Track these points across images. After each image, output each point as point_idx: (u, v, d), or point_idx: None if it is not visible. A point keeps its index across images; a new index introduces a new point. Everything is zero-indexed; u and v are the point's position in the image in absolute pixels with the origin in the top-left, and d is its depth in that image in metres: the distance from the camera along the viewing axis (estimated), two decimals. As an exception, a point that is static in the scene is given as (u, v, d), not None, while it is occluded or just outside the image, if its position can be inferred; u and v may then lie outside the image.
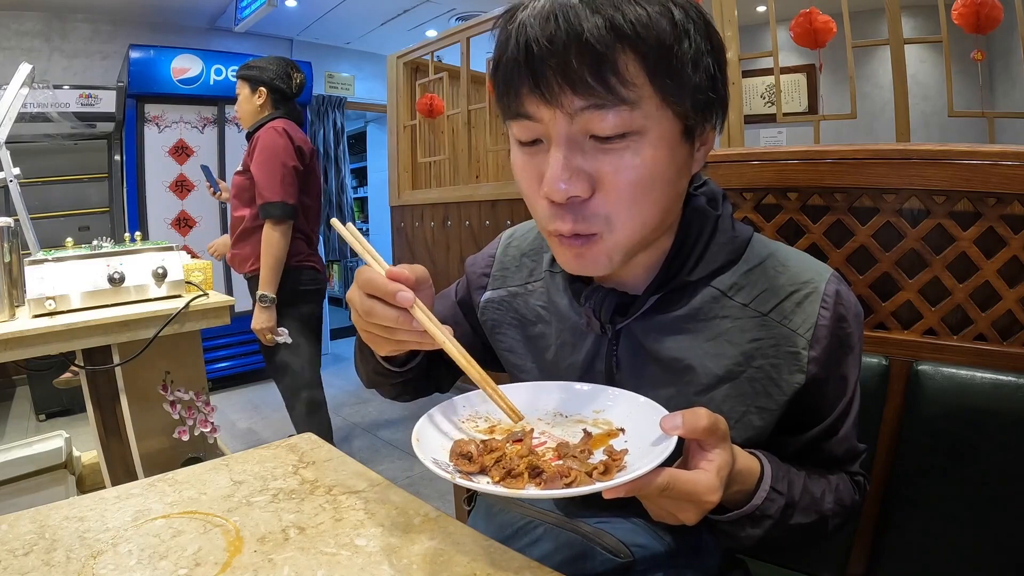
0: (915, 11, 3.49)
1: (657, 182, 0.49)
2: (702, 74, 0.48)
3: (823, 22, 1.98)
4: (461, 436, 0.49)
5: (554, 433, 0.51)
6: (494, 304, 0.69)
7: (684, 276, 0.56)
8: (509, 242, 0.72)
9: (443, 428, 0.50)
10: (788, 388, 0.54)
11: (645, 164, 0.47)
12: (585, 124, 0.46)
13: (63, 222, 3.23)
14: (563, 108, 0.46)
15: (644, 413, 0.49)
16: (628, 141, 0.47)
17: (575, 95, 0.45)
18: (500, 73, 0.49)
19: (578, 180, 0.47)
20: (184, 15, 4.05)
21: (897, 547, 0.83)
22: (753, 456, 0.52)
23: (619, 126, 0.46)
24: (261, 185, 1.80)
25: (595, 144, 0.47)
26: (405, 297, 0.47)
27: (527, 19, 0.46)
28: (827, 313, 0.54)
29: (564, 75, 0.45)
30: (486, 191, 3.04)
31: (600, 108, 0.45)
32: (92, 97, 3.15)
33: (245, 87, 1.92)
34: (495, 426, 0.52)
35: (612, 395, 0.53)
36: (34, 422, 2.98)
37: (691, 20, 0.47)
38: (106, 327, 1.31)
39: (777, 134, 4.30)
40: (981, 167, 0.79)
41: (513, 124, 0.51)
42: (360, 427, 2.83)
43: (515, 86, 0.48)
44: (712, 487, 0.42)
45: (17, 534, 0.56)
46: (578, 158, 0.47)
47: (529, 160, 0.51)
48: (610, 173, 0.47)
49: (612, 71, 0.44)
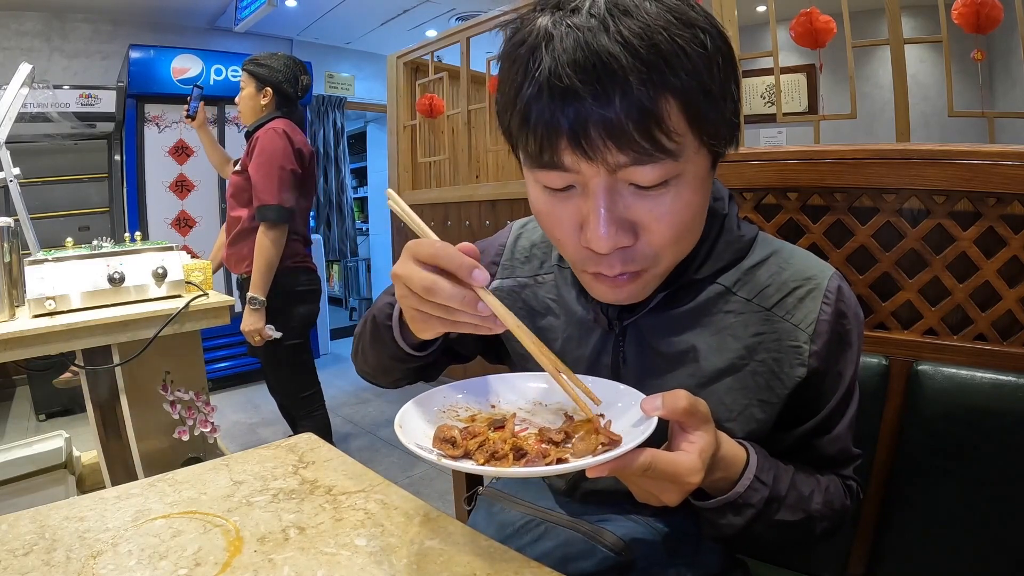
0: (915, 11, 3.49)
1: (697, 216, 0.50)
2: (730, 103, 0.47)
3: (823, 22, 1.99)
4: (443, 422, 0.49)
5: (535, 420, 0.51)
6: (503, 293, 0.69)
7: (691, 274, 0.57)
8: (521, 232, 0.72)
9: (425, 415, 0.50)
10: (789, 381, 0.55)
11: (686, 206, 0.47)
12: (627, 176, 0.45)
13: (63, 222, 3.22)
14: (607, 164, 0.43)
15: (624, 399, 0.49)
16: (669, 187, 0.46)
17: (619, 151, 0.43)
18: (532, 120, 0.44)
19: (623, 231, 0.46)
20: (184, 15, 4.05)
21: (897, 547, 0.83)
22: (740, 445, 0.52)
23: (661, 176, 0.45)
24: (259, 187, 1.79)
25: (635, 190, 0.46)
26: (481, 276, 0.43)
27: (558, 59, 0.42)
28: (828, 309, 0.55)
29: (608, 132, 0.42)
30: (486, 191, 3.04)
31: (644, 163, 0.43)
32: (92, 97, 3.15)
33: (251, 84, 1.87)
34: (475, 415, 0.52)
35: (591, 383, 0.52)
36: (34, 422, 2.98)
37: (718, 47, 0.45)
38: (106, 327, 1.31)
39: (777, 134, 4.30)
40: (981, 167, 0.79)
41: (543, 173, 0.47)
42: (360, 427, 2.83)
43: (551, 137, 0.44)
44: (693, 468, 0.42)
45: (17, 534, 0.56)
46: (619, 208, 0.46)
47: (559, 204, 0.48)
48: (653, 220, 0.47)
49: (658, 126, 0.42)
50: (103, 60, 3.85)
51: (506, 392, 0.55)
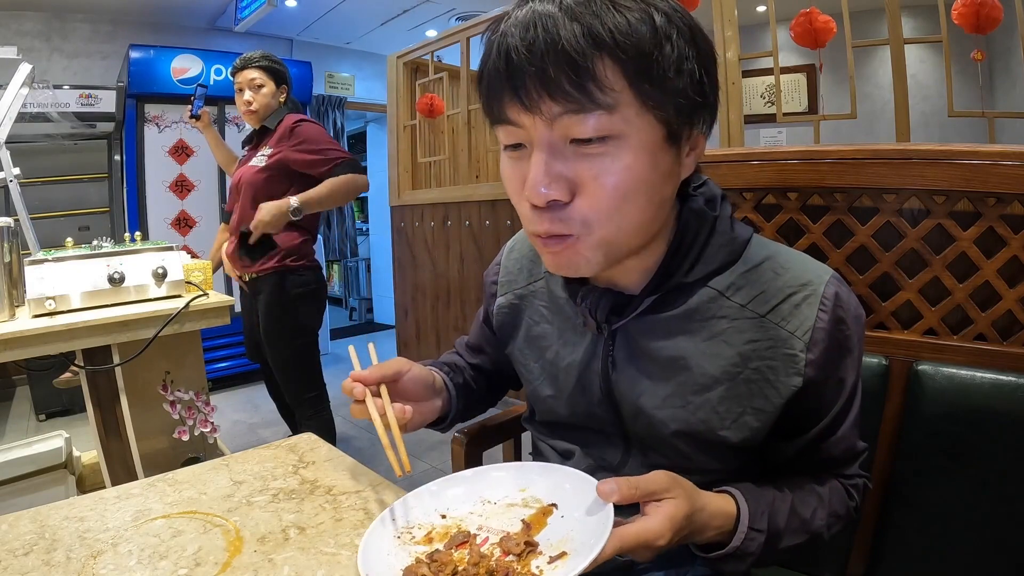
0: (915, 11, 3.49)
1: (639, 187, 0.49)
2: (686, 79, 0.48)
3: (823, 22, 1.99)
4: (406, 557, 0.48)
5: (491, 525, 0.51)
6: (504, 309, 0.71)
7: (681, 277, 0.56)
8: (513, 246, 0.74)
9: (386, 550, 0.49)
10: (785, 391, 0.54)
11: (626, 169, 0.48)
12: (564, 129, 0.47)
13: (63, 222, 3.22)
14: (542, 114, 0.47)
15: (571, 483, 0.51)
16: (608, 146, 0.47)
17: (553, 101, 0.46)
18: (484, 81, 0.51)
19: (557, 184, 0.48)
20: (184, 15, 4.05)
21: (897, 547, 0.83)
22: (728, 496, 0.53)
23: (598, 129, 0.46)
24: (332, 148, 1.82)
25: (575, 149, 0.48)
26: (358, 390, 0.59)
27: (508, 28, 0.48)
28: (825, 316, 0.54)
29: (542, 82, 0.46)
30: (486, 191, 3.04)
31: (578, 113, 0.46)
32: (92, 97, 3.15)
33: (271, 81, 1.89)
34: (431, 532, 0.51)
35: (528, 470, 0.54)
36: (34, 422, 2.98)
37: (674, 25, 0.47)
38: (106, 327, 1.31)
39: (777, 134, 4.30)
40: (981, 167, 0.79)
41: (498, 129, 0.52)
42: (360, 427, 2.83)
43: (497, 93, 0.49)
44: (660, 533, 0.45)
45: (17, 534, 0.56)
46: (559, 164, 0.48)
47: (514, 164, 0.52)
48: (590, 178, 0.48)
49: (589, 77, 0.45)
50: (103, 60, 3.85)
51: (450, 499, 0.55)
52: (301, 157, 1.80)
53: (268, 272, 1.86)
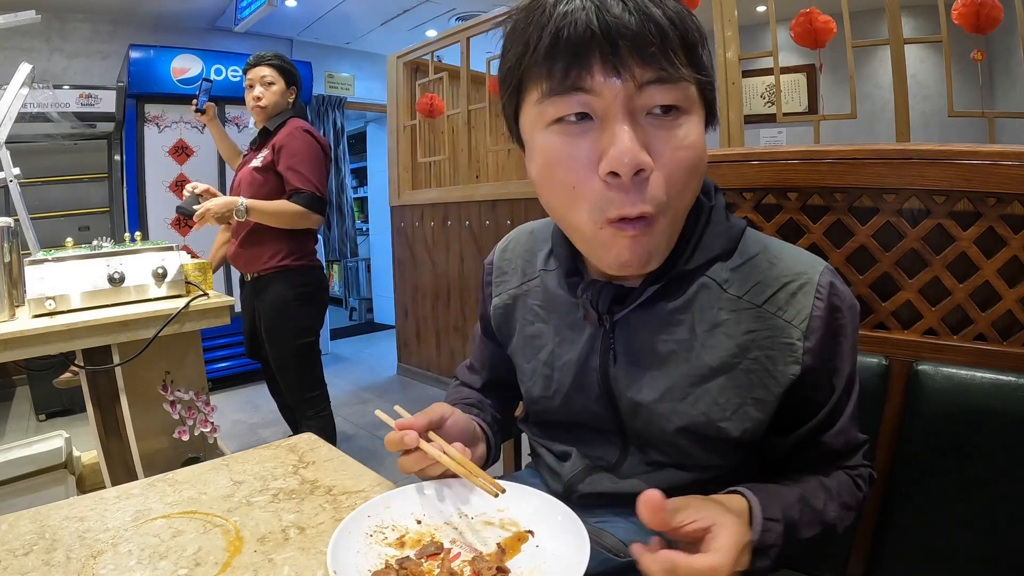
0: (915, 11, 3.49)
1: (700, 164, 0.51)
2: (711, 72, 0.51)
3: (823, 22, 1.98)
4: (375, 558, 0.48)
5: (466, 539, 0.51)
6: (500, 311, 0.71)
7: (681, 265, 0.56)
8: (505, 246, 0.74)
9: (357, 550, 0.49)
10: (784, 379, 0.54)
11: (695, 143, 0.50)
12: (649, 97, 0.48)
13: (63, 222, 3.22)
14: (634, 79, 0.47)
15: (550, 512, 0.51)
16: (681, 119, 0.49)
17: (646, 67, 0.47)
18: (562, 37, 0.47)
19: (643, 152, 0.47)
20: (184, 15, 4.05)
21: (897, 547, 0.83)
22: (738, 495, 0.52)
23: (679, 99, 0.48)
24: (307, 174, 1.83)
25: (651, 120, 0.48)
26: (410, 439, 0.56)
27: (582, 4, 0.47)
28: (821, 304, 0.54)
29: (637, 48, 0.46)
30: (486, 191, 3.04)
31: (665, 82, 0.47)
32: (92, 97, 3.15)
33: (282, 80, 1.91)
34: (404, 535, 0.51)
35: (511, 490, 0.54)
36: (34, 422, 2.98)
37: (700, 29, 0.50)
38: (106, 327, 1.31)
39: (777, 134, 4.30)
40: (981, 167, 0.79)
41: (558, 100, 0.49)
42: (360, 427, 2.83)
43: (582, 59, 0.47)
44: (728, 563, 0.42)
45: (17, 534, 0.56)
46: (639, 133, 0.48)
47: (575, 142, 0.49)
48: (668, 149, 0.48)
49: (673, 50, 0.47)
50: (103, 60, 3.85)
51: (428, 506, 0.55)
52: (281, 165, 1.83)
53: (270, 271, 1.87)
